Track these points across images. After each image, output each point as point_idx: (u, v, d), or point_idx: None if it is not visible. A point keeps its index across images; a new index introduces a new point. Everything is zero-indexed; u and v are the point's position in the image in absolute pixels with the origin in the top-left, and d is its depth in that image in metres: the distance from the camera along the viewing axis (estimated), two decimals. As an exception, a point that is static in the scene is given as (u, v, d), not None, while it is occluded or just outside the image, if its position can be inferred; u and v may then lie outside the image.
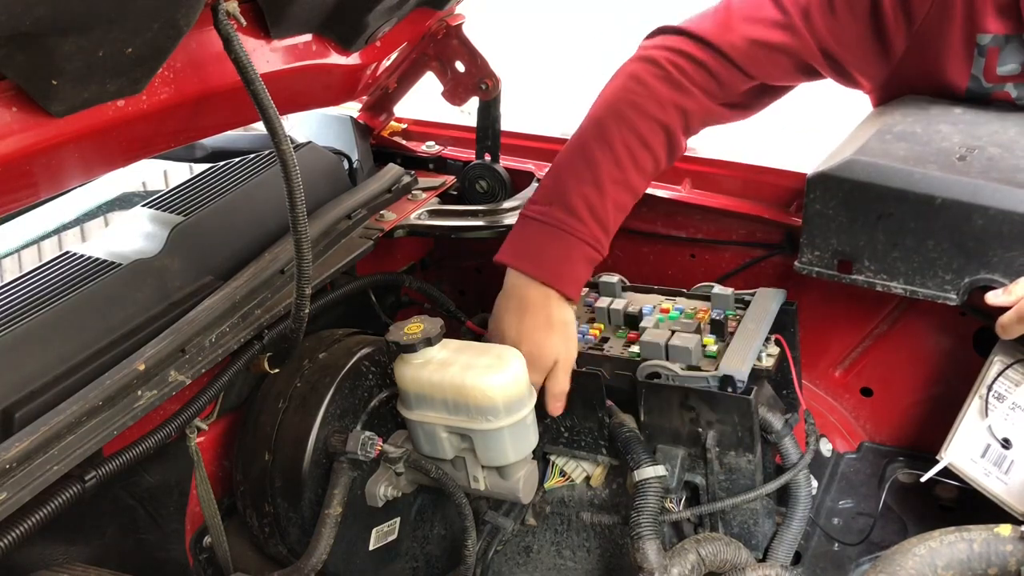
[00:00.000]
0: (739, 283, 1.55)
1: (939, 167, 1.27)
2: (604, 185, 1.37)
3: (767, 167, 1.63)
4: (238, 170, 1.62)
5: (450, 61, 1.73)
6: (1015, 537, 1.03)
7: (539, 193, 1.43)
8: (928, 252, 1.28)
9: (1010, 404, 1.31)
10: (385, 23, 1.46)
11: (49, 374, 1.16)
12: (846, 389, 1.66)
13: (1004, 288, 1.24)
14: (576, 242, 1.35)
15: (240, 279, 1.35)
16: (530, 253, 1.37)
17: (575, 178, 1.38)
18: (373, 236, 1.57)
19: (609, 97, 1.44)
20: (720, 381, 1.27)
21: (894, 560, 1.04)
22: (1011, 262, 1.24)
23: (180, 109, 1.18)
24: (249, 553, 1.39)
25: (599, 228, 1.37)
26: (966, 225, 1.24)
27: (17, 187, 1.09)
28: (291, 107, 1.59)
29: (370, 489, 1.32)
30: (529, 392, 1.27)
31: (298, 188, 1.12)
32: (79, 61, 0.93)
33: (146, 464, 1.28)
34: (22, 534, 1.01)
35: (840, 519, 1.52)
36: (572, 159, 1.41)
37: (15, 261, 2.23)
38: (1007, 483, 1.29)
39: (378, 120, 1.93)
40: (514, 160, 1.83)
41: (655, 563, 1.23)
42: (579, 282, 1.37)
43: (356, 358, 1.38)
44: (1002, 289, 1.24)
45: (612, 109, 1.42)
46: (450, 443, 1.26)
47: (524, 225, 1.39)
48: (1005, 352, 1.35)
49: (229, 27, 1.03)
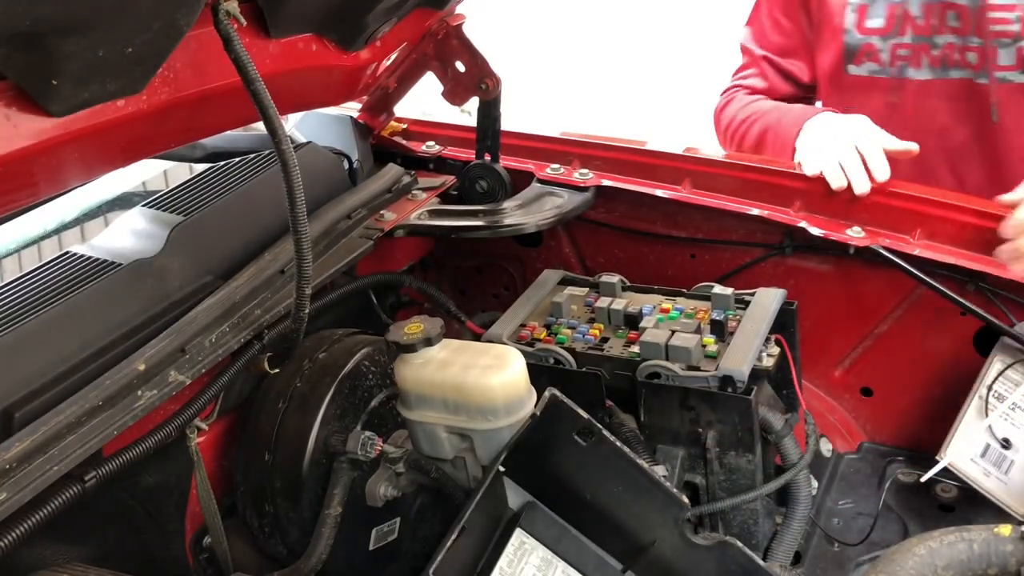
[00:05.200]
0: (739, 283, 1.55)
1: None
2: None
3: (767, 167, 1.63)
4: (238, 170, 1.62)
5: (450, 61, 1.73)
6: (1015, 537, 1.03)
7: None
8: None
9: (1010, 404, 1.31)
10: (385, 23, 1.46)
11: (49, 374, 1.15)
12: (846, 389, 1.66)
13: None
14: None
15: (240, 279, 1.35)
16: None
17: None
18: (373, 236, 1.57)
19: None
20: (720, 381, 1.27)
21: (894, 560, 1.04)
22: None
23: (180, 109, 1.18)
24: (249, 553, 1.39)
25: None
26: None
27: (17, 187, 1.09)
28: (291, 107, 1.59)
29: (370, 489, 1.31)
30: (529, 392, 1.27)
31: (298, 188, 1.12)
32: (79, 61, 0.93)
33: (146, 464, 1.27)
34: (22, 534, 1.01)
35: (840, 519, 1.52)
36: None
37: (15, 261, 2.22)
38: (1007, 483, 1.29)
39: (378, 120, 1.93)
40: (514, 160, 1.83)
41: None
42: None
43: (356, 358, 1.37)
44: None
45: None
46: (450, 443, 1.25)
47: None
48: (1005, 352, 1.36)
49: (229, 27, 1.03)
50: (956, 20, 1.70)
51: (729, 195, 1.63)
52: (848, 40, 1.82)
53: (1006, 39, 1.67)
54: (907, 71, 1.78)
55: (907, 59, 1.77)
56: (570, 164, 1.76)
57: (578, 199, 1.69)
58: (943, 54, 1.73)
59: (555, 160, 1.77)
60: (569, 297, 1.49)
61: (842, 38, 1.82)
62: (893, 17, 1.76)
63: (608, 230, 1.78)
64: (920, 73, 1.77)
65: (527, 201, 1.70)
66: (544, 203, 1.69)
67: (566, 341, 1.41)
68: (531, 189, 1.74)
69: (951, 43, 1.72)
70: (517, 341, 1.41)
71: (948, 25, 1.71)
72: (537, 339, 1.42)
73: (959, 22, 1.70)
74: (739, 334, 1.33)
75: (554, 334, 1.42)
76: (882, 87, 1.82)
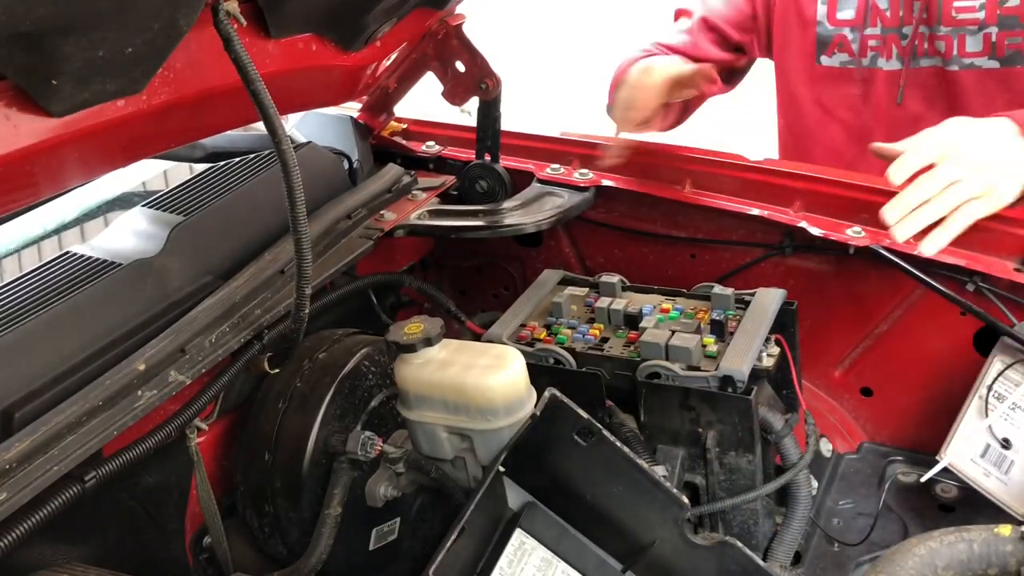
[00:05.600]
0: (739, 283, 1.55)
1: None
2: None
3: (767, 167, 1.63)
4: (238, 170, 1.62)
5: (450, 61, 1.73)
6: (1015, 537, 1.03)
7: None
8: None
9: (1010, 404, 1.31)
10: (385, 23, 1.46)
11: (49, 374, 1.15)
12: (846, 389, 1.66)
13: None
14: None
15: (240, 279, 1.35)
16: None
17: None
18: (373, 236, 1.57)
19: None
20: (720, 381, 1.27)
21: (894, 560, 1.04)
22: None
23: (180, 109, 1.18)
24: (249, 553, 1.39)
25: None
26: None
27: (17, 187, 1.09)
28: (291, 107, 1.59)
29: (370, 489, 1.31)
30: (529, 392, 1.27)
31: (298, 188, 1.12)
32: (79, 61, 0.93)
33: (146, 464, 1.27)
34: (22, 534, 1.01)
35: (840, 519, 1.52)
36: None
37: (15, 261, 2.23)
38: (1007, 483, 1.29)
39: (378, 120, 1.93)
40: (514, 160, 1.83)
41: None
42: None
43: (356, 358, 1.38)
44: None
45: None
46: (450, 443, 1.25)
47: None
48: (1005, 352, 1.35)
49: (229, 27, 1.03)
50: (923, 11, 1.72)
51: (729, 195, 1.63)
52: (820, 32, 1.83)
53: (972, 27, 1.69)
54: (878, 61, 1.80)
55: (877, 49, 1.79)
56: (570, 164, 1.76)
57: (578, 199, 1.69)
58: (911, 44, 1.75)
59: (555, 160, 1.77)
60: (569, 297, 1.49)
61: (814, 30, 1.84)
62: (863, 8, 1.78)
63: (608, 230, 1.78)
64: (890, 64, 1.79)
65: (527, 201, 1.70)
66: (544, 203, 1.69)
67: (566, 341, 1.41)
68: (531, 189, 1.74)
69: (920, 33, 1.74)
70: (517, 341, 1.41)
71: (915, 15, 1.73)
72: (537, 339, 1.42)
73: (926, 12, 1.72)
74: (739, 334, 1.33)
75: (554, 334, 1.42)
76: (853, 77, 1.84)
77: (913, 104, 1.80)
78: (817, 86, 1.89)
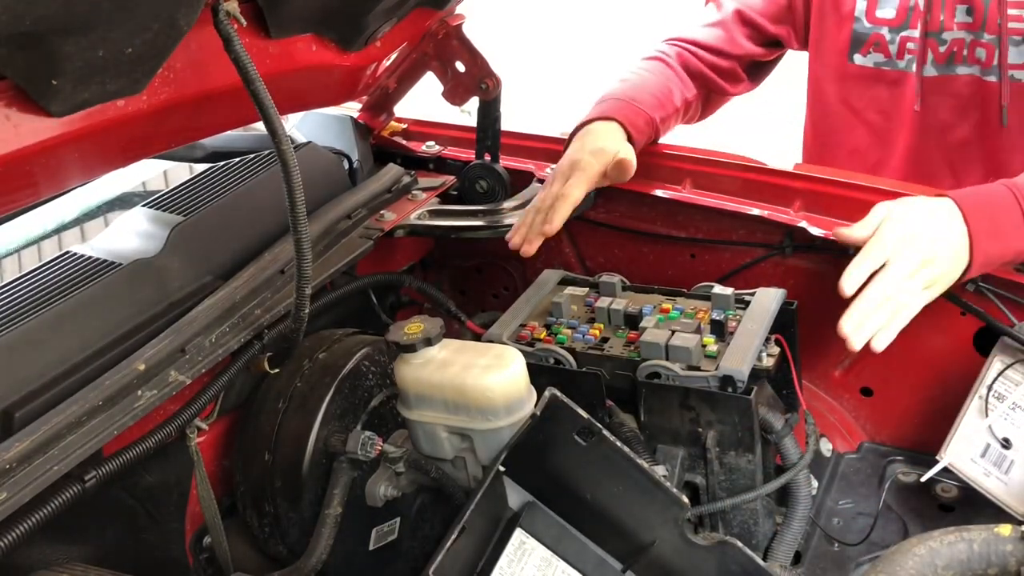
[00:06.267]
0: (739, 283, 1.55)
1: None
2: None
3: (767, 167, 1.63)
4: (238, 170, 1.62)
5: (450, 61, 1.73)
6: (1015, 537, 1.03)
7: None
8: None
9: (1010, 404, 1.31)
10: (385, 23, 1.46)
11: (49, 374, 1.15)
12: (846, 389, 1.66)
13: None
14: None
15: (240, 279, 1.35)
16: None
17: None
18: (373, 236, 1.57)
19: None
20: (720, 381, 1.27)
21: (894, 560, 1.04)
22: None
23: (180, 109, 1.18)
24: (249, 553, 1.39)
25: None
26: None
27: (17, 187, 1.09)
28: (291, 107, 1.59)
29: (370, 489, 1.31)
30: (529, 392, 1.27)
31: (298, 188, 1.12)
32: (79, 61, 0.93)
33: (146, 464, 1.27)
34: (22, 534, 1.01)
35: (840, 519, 1.52)
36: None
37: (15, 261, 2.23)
38: (1007, 483, 1.29)
39: (378, 120, 1.93)
40: (514, 160, 1.83)
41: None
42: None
43: (356, 358, 1.37)
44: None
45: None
46: (450, 443, 1.25)
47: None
48: (1005, 352, 1.36)
49: (229, 27, 1.03)
50: (968, 15, 1.66)
51: (729, 195, 1.63)
52: (856, 28, 1.76)
53: (1017, 36, 1.63)
54: (913, 65, 1.74)
55: (914, 52, 1.72)
56: (570, 164, 1.76)
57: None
58: (949, 50, 1.70)
59: (555, 160, 1.77)
60: (569, 297, 1.49)
61: (851, 25, 1.76)
62: (905, 8, 1.72)
63: (608, 230, 1.78)
64: (926, 69, 1.73)
65: (527, 201, 1.70)
66: (544, 203, 1.69)
67: (566, 341, 1.41)
68: (531, 189, 1.74)
69: (959, 39, 1.68)
70: (517, 341, 1.41)
71: (958, 20, 1.67)
72: (537, 339, 1.42)
73: (971, 16, 1.66)
74: (739, 334, 1.33)
75: (554, 334, 1.42)
76: (886, 80, 1.78)
77: (943, 113, 1.74)
78: (847, 85, 1.82)
